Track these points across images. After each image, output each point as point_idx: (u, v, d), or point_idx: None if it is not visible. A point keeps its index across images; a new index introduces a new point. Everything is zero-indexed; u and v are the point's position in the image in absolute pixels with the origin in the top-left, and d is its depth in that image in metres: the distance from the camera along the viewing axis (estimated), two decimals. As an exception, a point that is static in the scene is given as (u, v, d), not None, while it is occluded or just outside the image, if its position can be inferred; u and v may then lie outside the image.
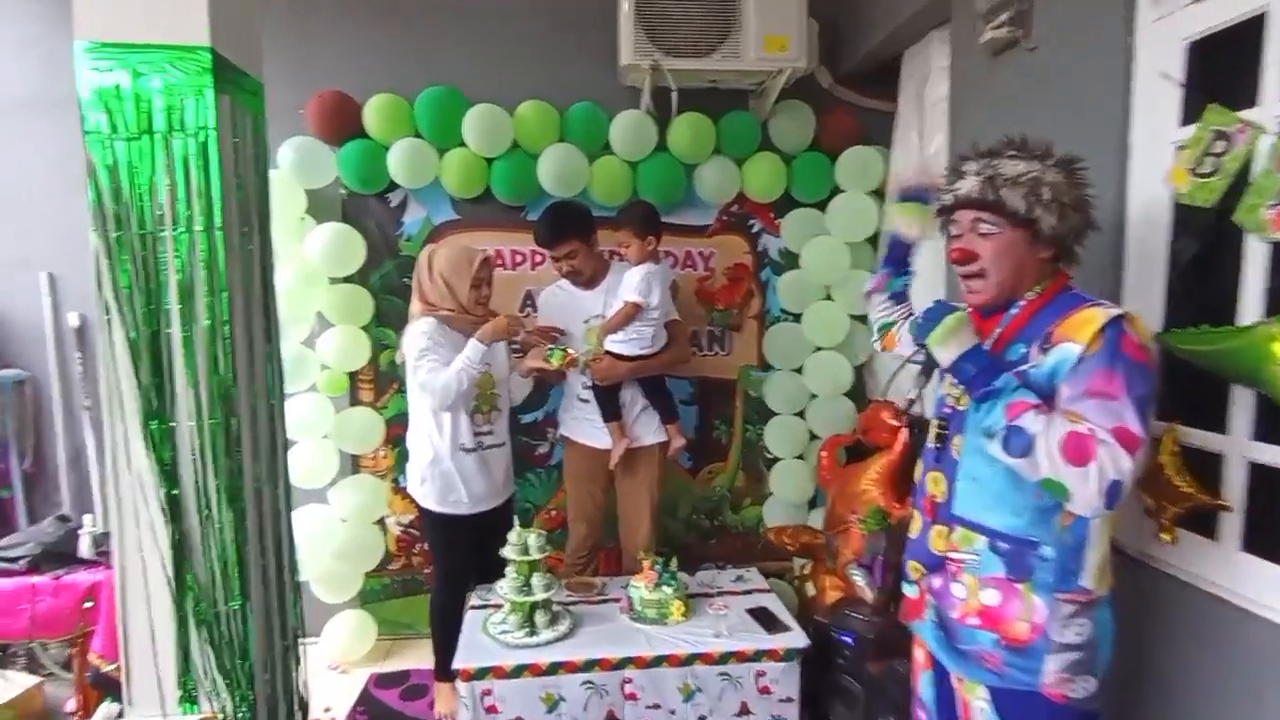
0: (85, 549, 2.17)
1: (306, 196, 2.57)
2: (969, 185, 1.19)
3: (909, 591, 1.34)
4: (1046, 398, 1.11)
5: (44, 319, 2.59)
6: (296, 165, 2.51)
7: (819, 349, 2.80)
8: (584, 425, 2.42)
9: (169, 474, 1.54)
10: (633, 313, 2.25)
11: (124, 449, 1.53)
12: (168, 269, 1.50)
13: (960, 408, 1.25)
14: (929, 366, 1.26)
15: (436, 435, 2.14)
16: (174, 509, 1.54)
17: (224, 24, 1.51)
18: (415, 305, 2.17)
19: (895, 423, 2.26)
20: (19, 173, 2.52)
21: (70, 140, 1.50)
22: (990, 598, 1.18)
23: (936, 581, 1.26)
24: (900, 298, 1.54)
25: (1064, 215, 1.14)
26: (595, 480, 2.44)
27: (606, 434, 2.35)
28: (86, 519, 2.22)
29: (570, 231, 2.27)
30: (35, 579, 2.07)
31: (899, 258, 1.51)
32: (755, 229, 2.85)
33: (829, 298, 2.79)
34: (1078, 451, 1.03)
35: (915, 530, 1.34)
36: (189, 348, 1.53)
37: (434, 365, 2.04)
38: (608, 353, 2.29)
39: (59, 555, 2.14)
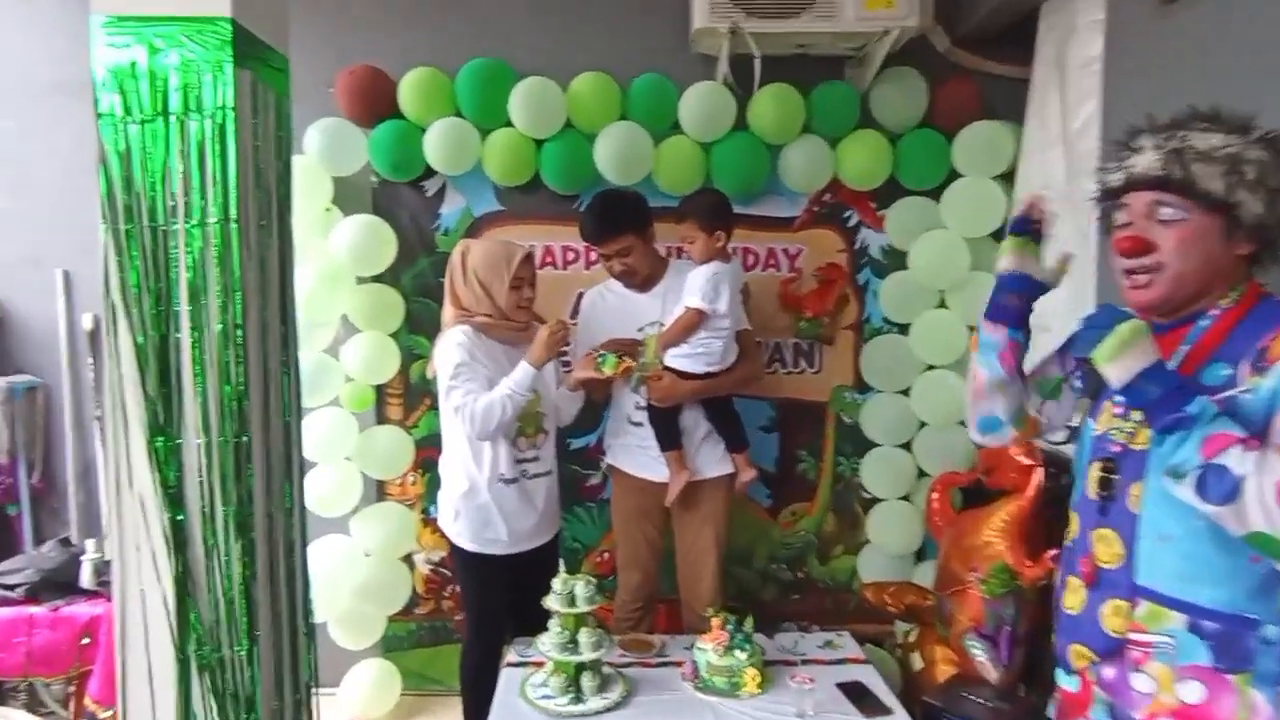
0: (87, 578, 2.28)
1: (333, 185, 2.66)
2: (1147, 160, 1.11)
3: (1066, 684, 1.26)
4: (1261, 432, 1.03)
5: (58, 321, 2.71)
6: (323, 150, 2.59)
7: (930, 367, 2.77)
8: (636, 454, 2.42)
9: (174, 497, 1.60)
10: (695, 321, 2.24)
11: (126, 467, 1.60)
12: (179, 266, 1.56)
13: (1135, 446, 1.16)
14: (1094, 389, 1.18)
15: (472, 463, 2.17)
16: (178, 537, 1.60)
17: (246, -9, 1.58)
18: (448, 311, 2.21)
19: (1028, 460, 2.19)
20: (39, 161, 2.66)
21: (90, 126, 1.58)
22: (1191, 694, 1.10)
23: (1109, 671, 1.17)
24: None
25: (1273, 202, 1.07)
26: (649, 519, 2.44)
27: (662, 464, 2.35)
28: (89, 544, 2.34)
29: (624, 223, 2.28)
30: (33, 609, 2.17)
31: (1013, 309, 1.29)
32: (852, 222, 2.84)
33: (943, 305, 2.75)
34: None
35: (1074, 604, 1.24)
36: (199, 355, 1.58)
37: (470, 387, 2.08)
38: (667, 369, 2.28)
39: (59, 584, 2.25)
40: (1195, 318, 1.14)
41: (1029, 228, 1.26)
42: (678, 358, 2.28)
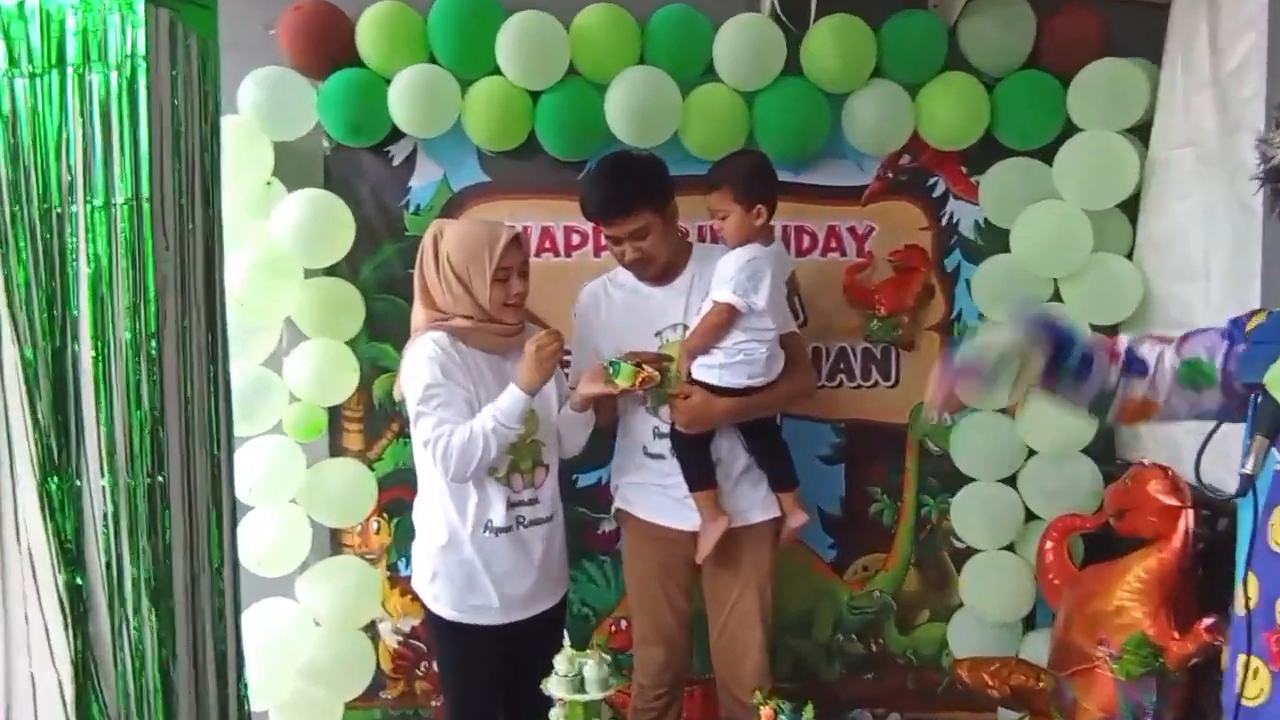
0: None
1: (274, 152, 2.68)
2: None
3: None
4: None
5: None
6: (262, 108, 2.61)
7: None
8: (655, 495, 2.42)
9: (71, 555, 1.60)
10: (726, 319, 2.23)
11: (12, 518, 1.61)
12: (77, 259, 1.58)
13: None
14: (1272, 421, 1.18)
15: (452, 507, 2.18)
16: (76, 605, 1.61)
17: (161, -92, 1.61)
18: (418, 313, 2.23)
19: (1172, 499, 2.18)
20: None
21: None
22: None
23: None
24: (1084, 369, 1.41)
25: None
26: (675, 579, 2.44)
27: (689, 508, 2.35)
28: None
29: (638, 196, 2.27)
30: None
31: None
32: (938, 191, 2.83)
33: (1056, 298, 2.73)
34: None
35: (1256, 693, 1.24)
36: (103, 373, 1.59)
37: (444, 415, 2.09)
38: (695, 383, 2.28)
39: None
40: None
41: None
42: (709, 368, 2.27)
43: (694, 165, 2.61)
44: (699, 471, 2.33)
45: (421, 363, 2.11)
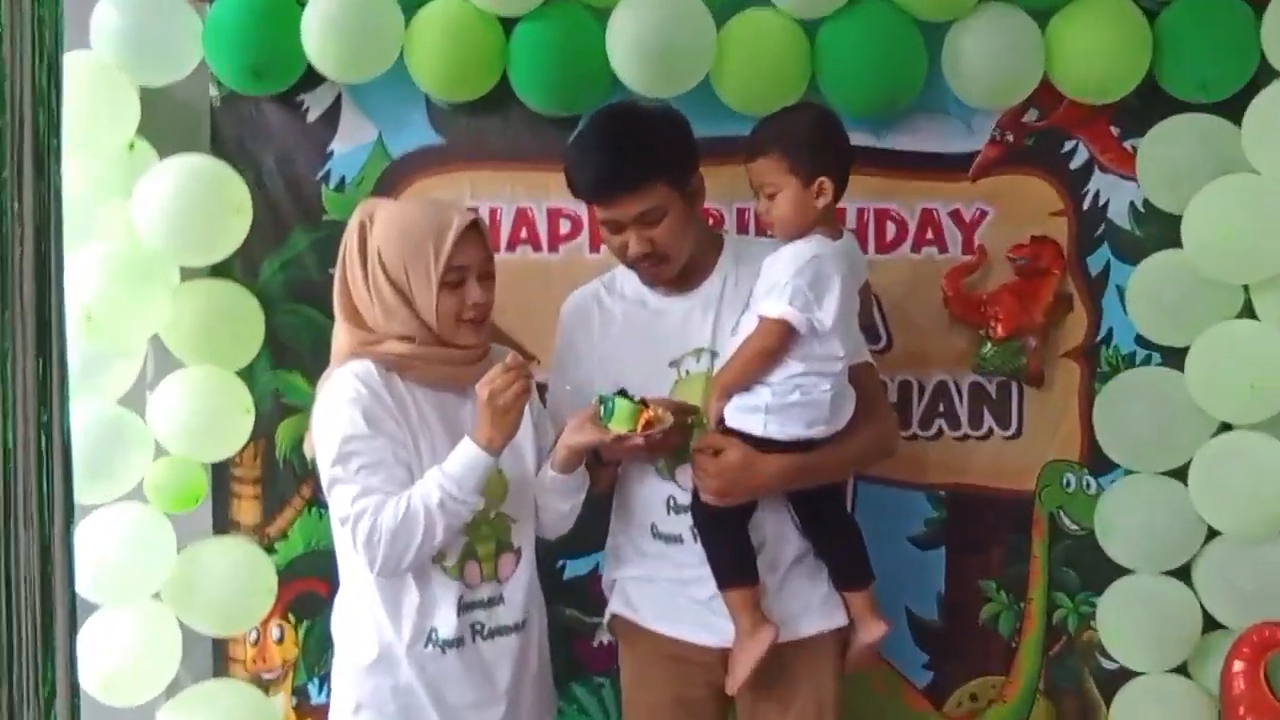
0: None
1: (141, 103, 2.68)
2: None
3: None
4: None
5: None
6: (127, 42, 2.61)
7: (1224, 427, 2.75)
8: (667, 595, 2.43)
9: None
10: (777, 343, 2.22)
11: None
12: None
13: None
14: None
15: (383, 612, 2.16)
16: None
17: None
18: (340, 334, 2.24)
19: None
20: None
21: None
22: None
23: None
24: None
25: None
26: (696, 717, 2.44)
27: (719, 614, 2.32)
28: None
29: (649, 165, 2.27)
30: None
31: None
32: (1078, 162, 2.84)
33: (1249, 313, 2.74)
34: None
35: None
36: None
37: (369, 482, 2.08)
38: (730, 433, 2.27)
39: None
40: None
41: None
42: (752, 413, 2.26)
43: (731, 124, 2.61)
44: (734, 561, 2.32)
45: (338, 407, 2.10)
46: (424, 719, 2.17)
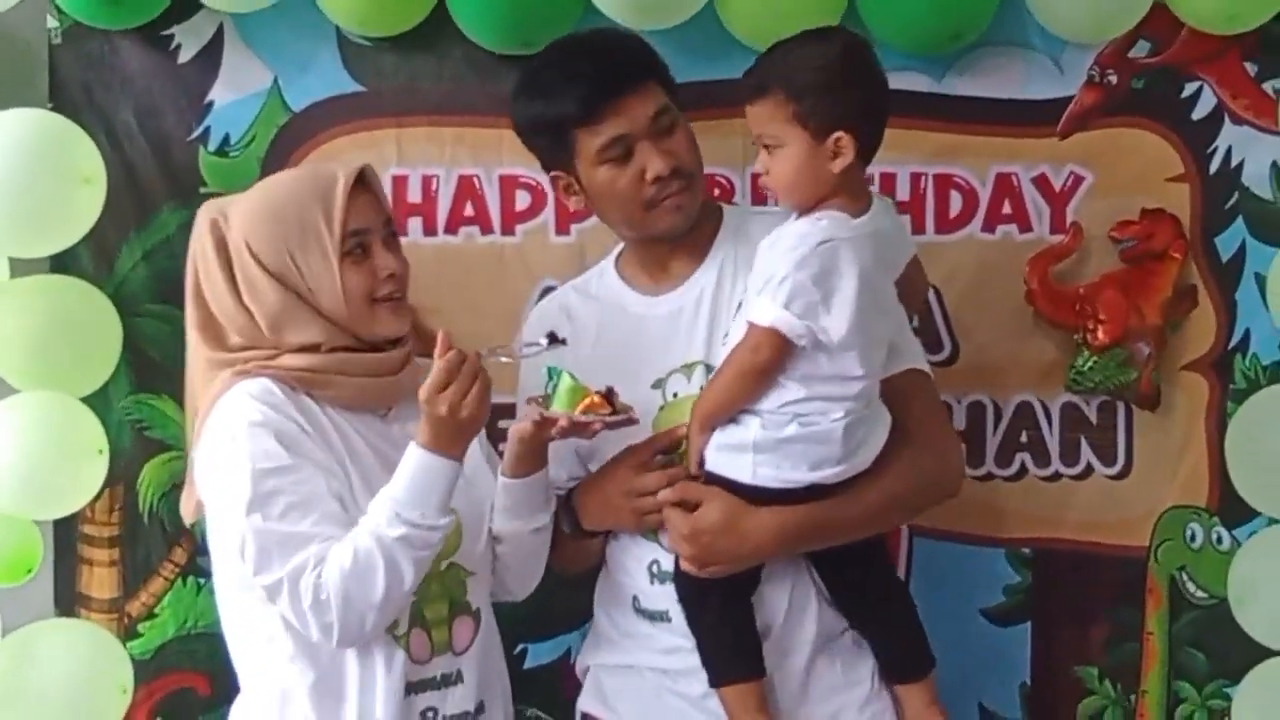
0: None
1: None
2: None
3: None
4: None
5: None
6: None
7: None
8: (650, 688, 2.18)
9: None
10: (768, 360, 1.93)
11: None
12: None
13: None
14: None
15: (303, 696, 1.91)
16: None
17: None
18: (202, 360, 1.98)
19: None
20: None
21: None
22: None
23: None
24: None
25: None
26: None
27: (716, 716, 2.06)
28: None
29: (646, 57, 2.12)
30: None
31: None
32: (1203, 111, 2.54)
33: None
34: None
35: None
36: None
37: (302, 525, 1.83)
38: (710, 477, 1.99)
39: None
40: None
41: None
42: (734, 453, 1.99)
43: (742, 62, 2.24)
44: (730, 649, 2.05)
45: (240, 436, 1.83)
46: None
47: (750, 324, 1.93)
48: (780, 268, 1.91)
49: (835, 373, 1.93)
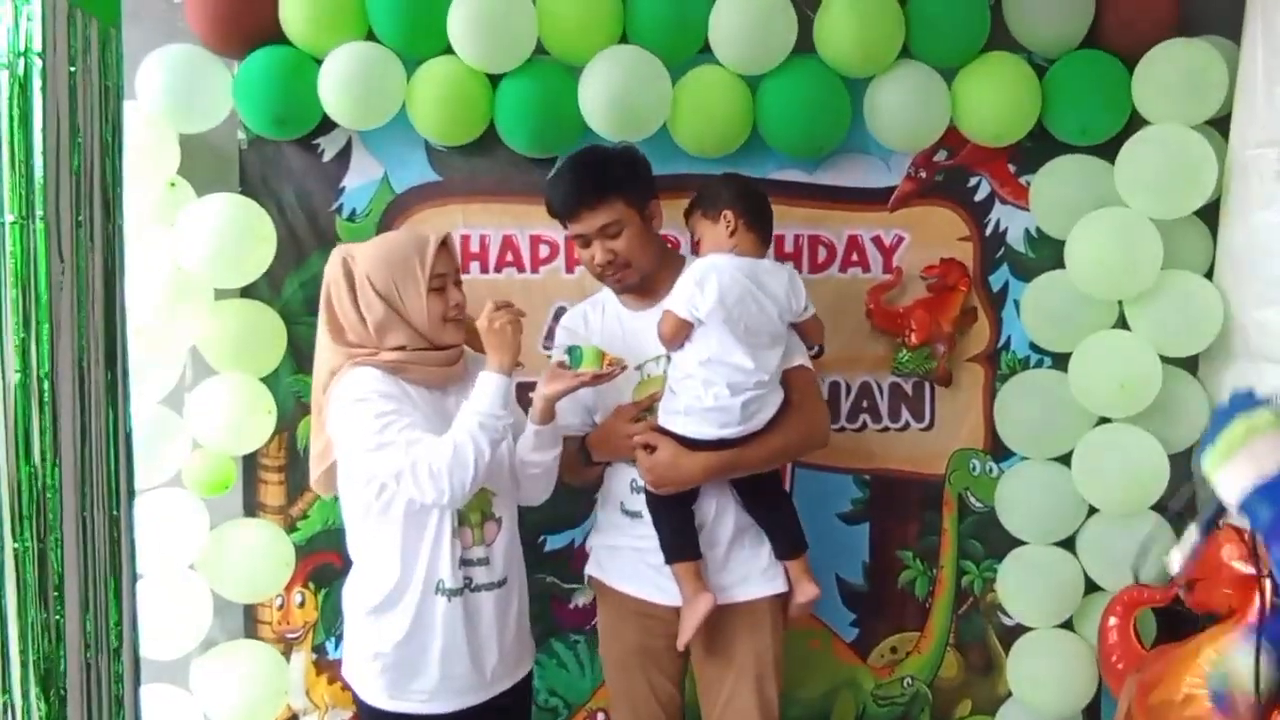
0: None
1: (180, 147, 2.72)
2: None
3: None
4: None
5: None
6: (167, 94, 2.66)
7: (1103, 421, 2.83)
8: (630, 561, 2.49)
9: None
10: (669, 332, 2.33)
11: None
12: None
13: None
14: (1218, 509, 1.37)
15: (398, 564, 2.22)
16: None
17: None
18: (329, 356, 2.28)
19: (1249, 569, 2.22)
20: None
21: None
22: None
23: None
24: None
25: None
26: (658, 664, 2.49)
27: (671, 579, 2.39)
28: None
29: (609, 184, 2.37)
30: None
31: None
32: (980, 195, 2.92)
33: (1123, 323, 2.83)
34: None
35: None
36: None
37: (410, 435, 2.12)
38: (662, 431, 2.35)
39: None
40: None
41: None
42: (675, 416, 2.35)
43: (686, 163, 2.74)
44: (677, 539, 2.37)
45: (363, 391, 2.15)
46: (424, 662, 2.22)
47: (664, 309, 2.33)
48: (685, 279, 2.32)
49: (735, 365, 2.28)
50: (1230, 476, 1.26)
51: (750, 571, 2.45)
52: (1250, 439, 1.25)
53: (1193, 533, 1.43)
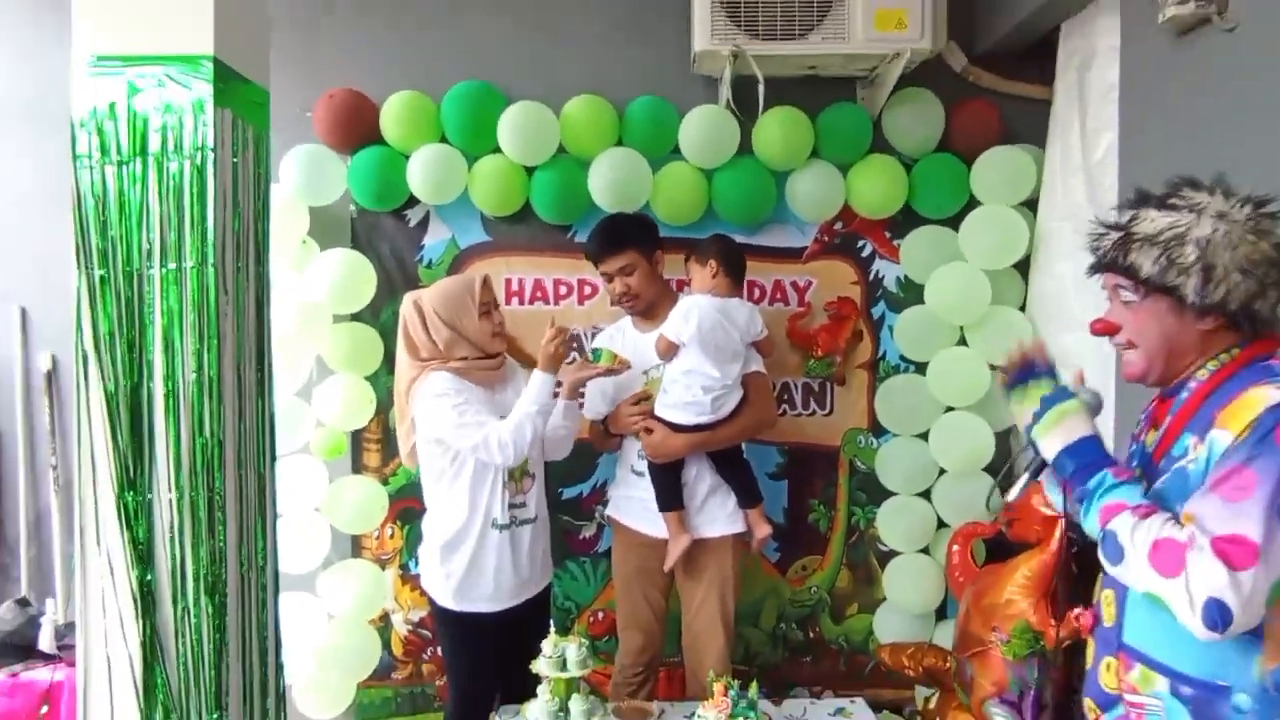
0: (45, 640, 2.37)
1: (310, 216, 2.75)
2: (1106, 243, 1.27)
3: None
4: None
5: (12, 360, 2.80)
6: (300, 179, 2.70)
7: (949, 409, 2.83)
8: (636, 507, 2.48)
9: (143, 556, 1.69)
10: (663, 350, 2.35)
11: (94, 525, 1.69)
12: (154, 312, 1.67)
13: None
14: (1039, 464, 1.36)
15: (466, 505, 2.23)
16: (146, 598, 1.69)
17: (229, 27, 1.71)
18: (409, 369, 2.27)
19: (1050, 511, 2.21)
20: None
21: (58, 159, 1.71)
22: None
23: None
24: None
25: (1212, 279, 1.18)
26: (651, 580, 2.48)
27: (664, 521, 2.40)
28: (49, 605, 2.44)
29: (628, 239, 2.39)
30: (-11, 675, 2.27)
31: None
32: (866, 252, 2.92)
33: (963, 342, 2.83)
34: (1164, 561, 1.13)
35: (1089, 659, 1.39)
36: (172, 405, 1.68)
37: (482, 419, 2.14)
38: (659, 420, 2.35)
39: (16, 647, 2.34)
40: (1180, 388, 1.28)
41: (1035, 370, 1.38)
42: (666, 408, 2.35)
43: (663, 229, 2.69)
44: (668, 494, 2.38)
45: (443, 389, 2.16)
46: (484, 572, 2.23)
47: (659, 333, 2.34)
48: (675, 312, 2.34)
49: (707, 373, 2.31)
50: (1049, 442, 1.28)
51: (719, 516, 2.44)
52: (1063, 418, 1.28)
53: (1024, 479, 1.44)
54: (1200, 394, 1.24)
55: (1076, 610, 1.93)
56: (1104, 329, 1.31)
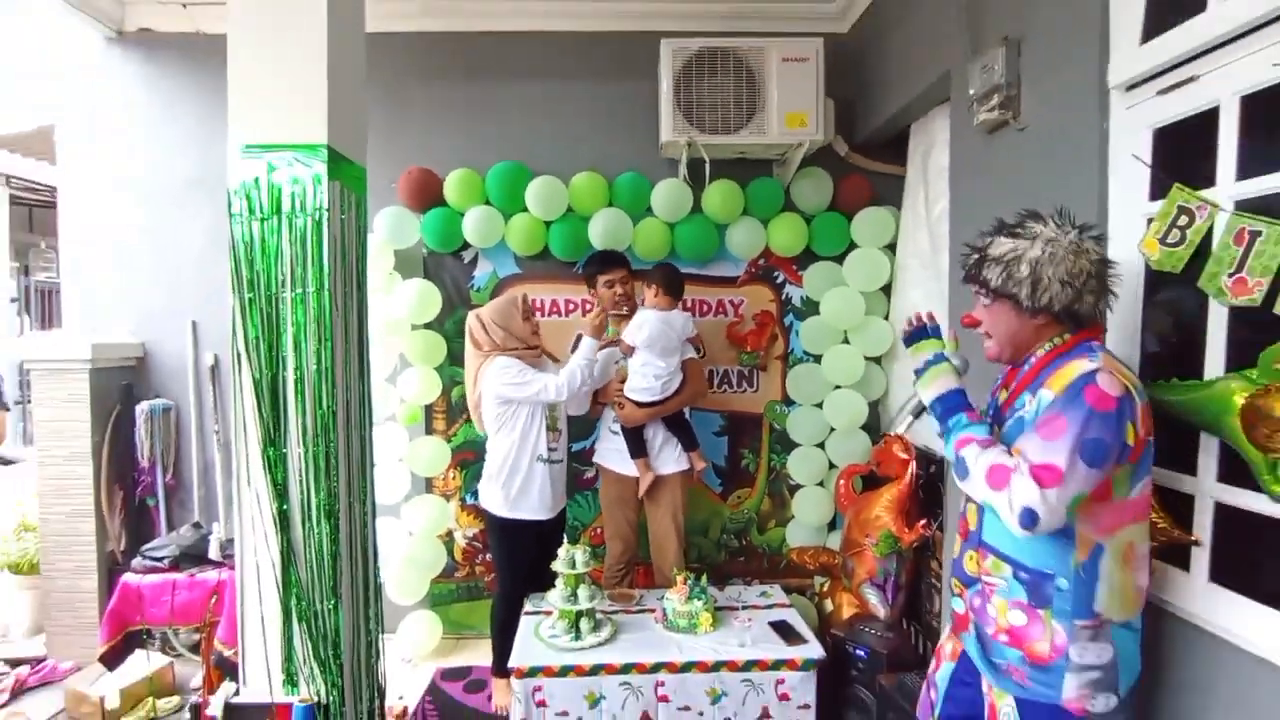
0: (214, 551, 2.36)
1: (395, 256, 2.73)
2: (970, 261, 1.26)
3: (956, 606, 1.33)
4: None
5: (187, 358, 2.82)
6: (387, 230, 2.67)
7: (837, 387, 2.81)
8: (614, 456, 2.45)
9: (280, 492, 1.68)
10: (627, 350, 2.31)
11: (246, 470, 1.69)
12: (286, 323, 1.66)
13: None
14: (920, 408, 1.36)
15: (520, 443, 2.19)
16: (283, 521, 1.68)
17: (338, 123, 1.70)
18: (470, 355, 2.24)
19: (905, 455, 2.28)
20: (176, 239, 2.80)
21: (214, 214, 1.69)
22: (1016, 619, 1.19)
23: (977, 600, 1.27)
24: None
25: (1039, 289, 1.17)
26: (627, 504, 2.46)
27: (635, 464, 2.39)
28: (215, 526, 2.41)
29: (624, 261, 2.41)
30: (175, 576, 2.27)
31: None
32: (780, 280, 2.89)
33: (846, 341, 2.81)
34: (996, 479, 1.11)
35: (955, 551, 1.36)
36: (300, 388, 1.67)
37: (534, 376, 2.12)
38: (626, 398, 2.33)
39: (194, 556, 2.34)
40: (1024, 362, 1.26)
41: (926, 331, 1.33)
42: (634, 391, 2.33)
43: (639, 263, 2.69)
44: (636, 446, 2.37)
45: (505, 364, 2.15)
46: (531, 491, 2.19)
47: (621, 337, 2.34)
48: (632, 323, 2.31)
49: (655, 364, 2.31)
50: (927, 392, 1.26)
51: (670, 459, 2.41)
52: (937, 375, 1.26)
53: (909, 419, 1.43)
54: (1037, 366, 1.22)
55: (922, 522, 2.14)
56: (969, 322, 1.28)
